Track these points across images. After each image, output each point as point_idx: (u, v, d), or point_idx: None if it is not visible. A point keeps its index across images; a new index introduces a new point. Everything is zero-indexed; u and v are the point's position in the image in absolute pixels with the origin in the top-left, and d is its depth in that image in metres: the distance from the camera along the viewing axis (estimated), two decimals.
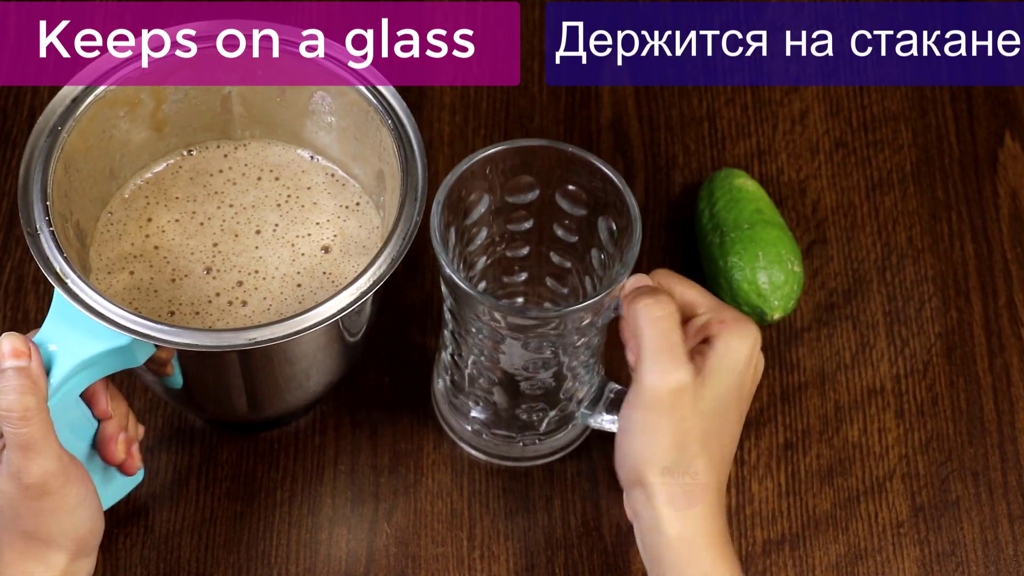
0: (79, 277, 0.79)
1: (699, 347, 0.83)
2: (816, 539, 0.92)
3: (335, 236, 0.88)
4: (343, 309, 0.79)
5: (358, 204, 0.90)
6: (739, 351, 0.83)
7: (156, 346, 0.79)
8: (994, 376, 0.97)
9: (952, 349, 0.98)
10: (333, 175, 0.91)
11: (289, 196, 0.90)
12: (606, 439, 0.94)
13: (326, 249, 0.88)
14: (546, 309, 0.80)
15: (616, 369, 0.93)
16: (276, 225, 0.88)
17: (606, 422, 0.89)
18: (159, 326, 0.78)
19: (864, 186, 1.03)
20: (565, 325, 0.81)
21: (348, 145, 0.89)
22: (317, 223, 0.89)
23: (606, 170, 0.82)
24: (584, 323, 0.82)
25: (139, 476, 0.88)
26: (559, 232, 0.87)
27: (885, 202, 1.03)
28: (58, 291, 0.79)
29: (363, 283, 0.80)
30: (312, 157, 0.91)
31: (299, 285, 0.87)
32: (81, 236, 0.86)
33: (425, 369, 0.95)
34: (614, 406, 0.88)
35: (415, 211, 0.82)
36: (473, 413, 0.90)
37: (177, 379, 0.84)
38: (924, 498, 0.93)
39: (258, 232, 0.88)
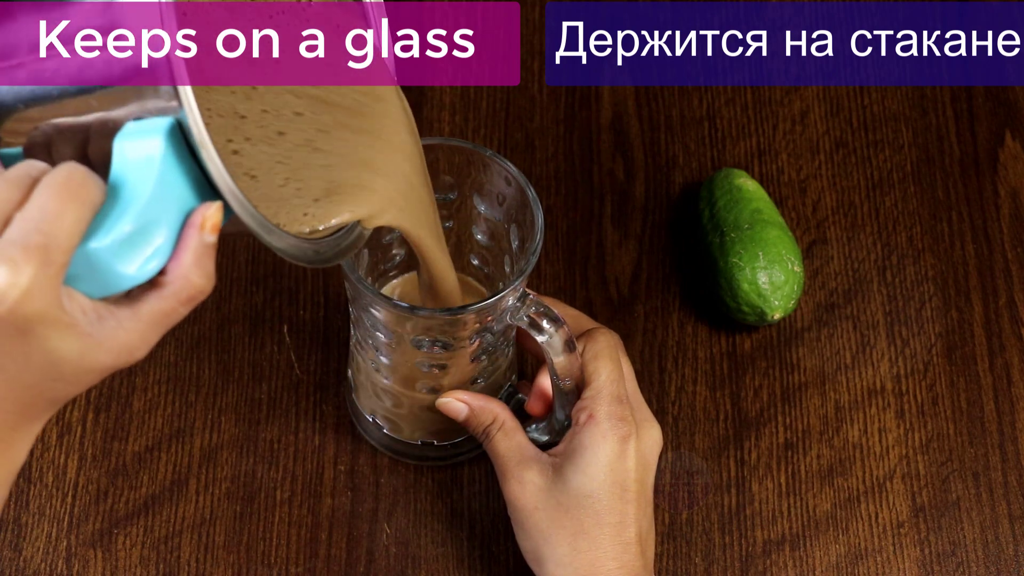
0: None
1: (571, 432, 0.83)
2: (816, 539, 0.92)
3: None
4: None
5: None
6: (593, 462, 0.81)
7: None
8: (994, 376, 0.97)
9: (952, 349, 0.98)
10: None
11: None
12: None
13: None
14: (414, 308, 0.79)
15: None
16: None
17: None
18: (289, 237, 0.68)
19: (864, 186, 1.03)
20: (452, 328, 0.80)
21: None
22: None
23: (518, 177, 0.82)
24: (472, 329, 0.81)
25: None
26: (477, 235, 0.86)
27: (885, 202, 1.03)
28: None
29: None
30: None
31: None
32: None
33: None
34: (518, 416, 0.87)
35: None
36: (374, 406, 0.90)
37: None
38: (924, 498, 0.93)
39: None
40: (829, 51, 1.08)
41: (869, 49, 1.08)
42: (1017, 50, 1.08)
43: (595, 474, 0.81)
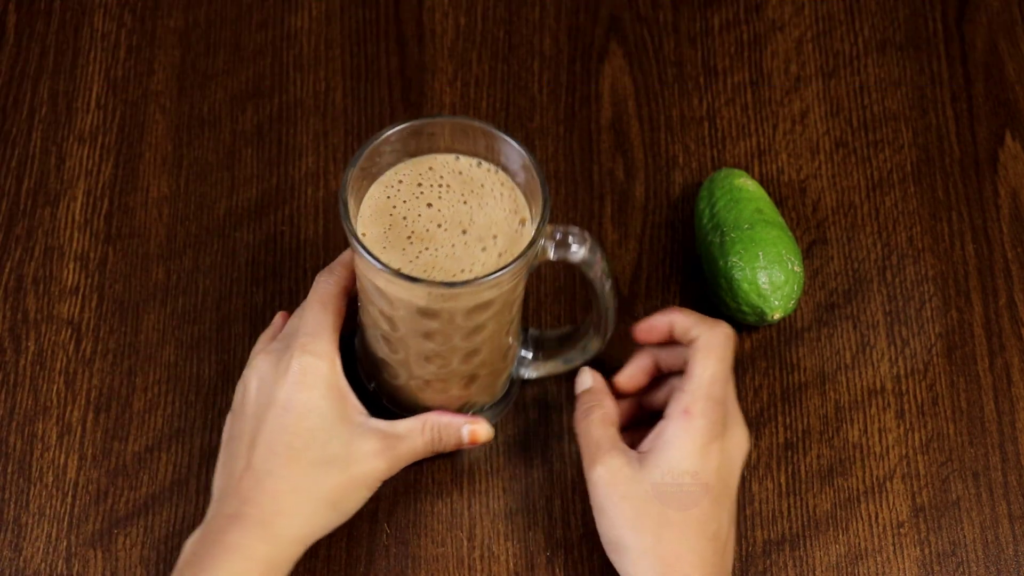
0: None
1: (661, 424, 0.85)
2: (816, 539, 0.92)
3: None
4: None
5: None
6: (681, 455, 0.83)
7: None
8: (994, 376, 0.97)
9: (952, 349, 0.98)
10: None
11: None
12: None
13: None
14: (418, 279, 0.80)
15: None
16: None
17: (530, 371, 0.93)
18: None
19: (864, 186, 1.03)
20: (457, 300, 0.81)
21: None
22: None
23: (524, 153, 0.83)
24: (475, 303, 0.82)
25: None
26: None
27: (885, 202, 1.03)
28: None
29: None
30: None
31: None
32: None
33: None
34: (531, 364, 0.92)
35: None
36: (380, 379, 0.91)
37: None
38: (924, 498, 0.93)
39: None
40: (829, 51, 1.08)
41: (869, 49, 1.08)
42: (1017, 51, 1.08)
43: (680, 469, 0.83)
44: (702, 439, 0.83)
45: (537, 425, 0.95)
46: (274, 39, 1.07)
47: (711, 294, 0.97)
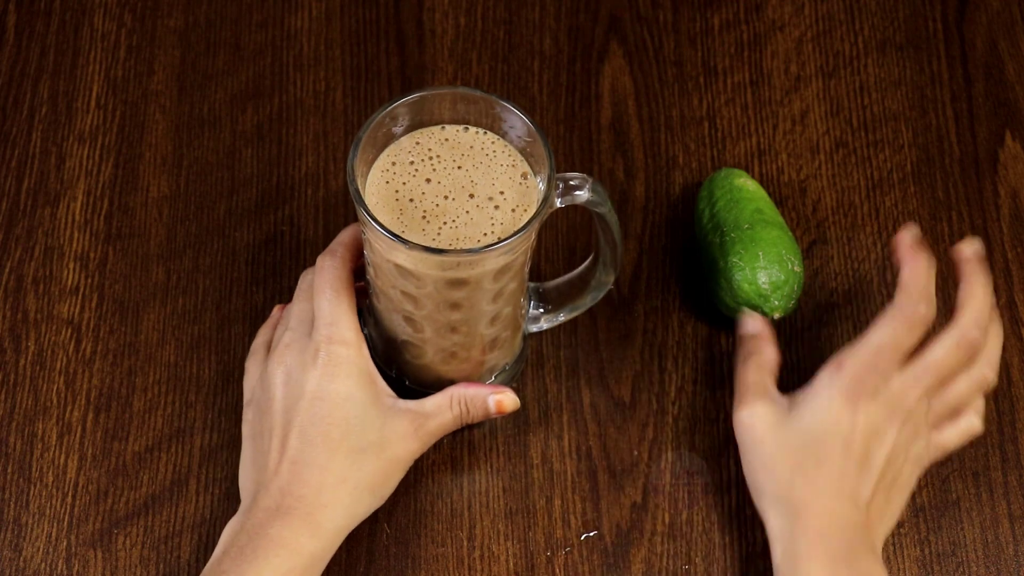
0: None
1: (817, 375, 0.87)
2: None
3: None
4: None
5: None
6: (824, 406, 0.84)
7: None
8: None
9: None
10: None
11: None
12: (607, 438, 0.94)
13: None
14: (441, 250, 0.81)
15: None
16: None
17: (542, 324, 0.94)
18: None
19: (864, 186, 1.03)
20: (485, 264, 0.82)
21: None
22: None
23: (529, 122, 0.83)
24: (503, 263, 0.83)
25: None
26: None
27: (885, 202, 1.03)
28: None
29: None
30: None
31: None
32: None
33: None
34: (541, 318, 0.94)
35: None
36: (396, 358, 0.91)
37: None
38: (924, 498, 0.93)
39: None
40: (829, 51, 1.08)
41: (869, 49, 1.08)
42: (1017, 51, 1.08)
43: (821, 419, 0.84)
44: (847, 393, 0.84)
45: (537, 425, 0.95)
46: (274, 39, 1.07)
47: (711, 294, 0.97)
